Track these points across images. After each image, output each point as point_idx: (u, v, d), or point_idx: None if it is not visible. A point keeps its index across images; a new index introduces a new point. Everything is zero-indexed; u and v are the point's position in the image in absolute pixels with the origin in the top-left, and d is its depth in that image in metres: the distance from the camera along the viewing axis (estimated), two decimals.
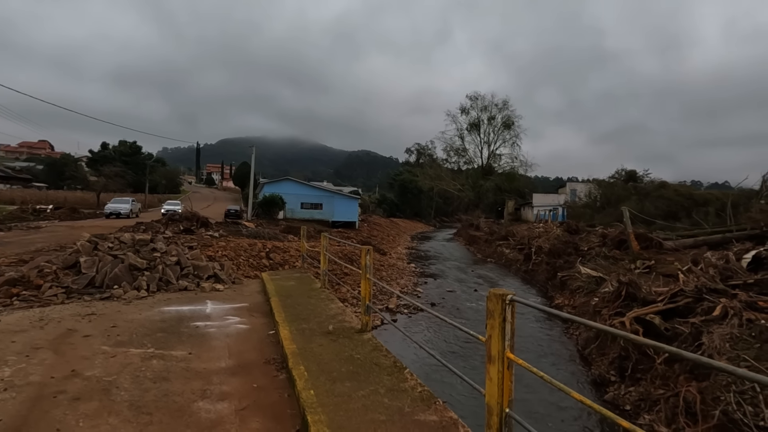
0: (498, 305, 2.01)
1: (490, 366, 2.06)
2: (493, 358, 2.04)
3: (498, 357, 2.01)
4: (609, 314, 9.14)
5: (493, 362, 2.04)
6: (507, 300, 1.99)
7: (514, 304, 2.01)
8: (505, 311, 2.00)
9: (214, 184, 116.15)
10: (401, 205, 71.20)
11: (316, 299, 5.77)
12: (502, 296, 2.01)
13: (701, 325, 7.00)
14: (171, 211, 28.31)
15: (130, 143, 61.97)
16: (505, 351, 2.00)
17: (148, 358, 3.60)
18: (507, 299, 1.99)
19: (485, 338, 2.12)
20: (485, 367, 2.10)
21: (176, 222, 20.03)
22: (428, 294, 15.55)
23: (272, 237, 19.36)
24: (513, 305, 2.01)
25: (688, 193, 29.52)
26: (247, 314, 5.27)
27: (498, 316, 2.01)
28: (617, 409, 7.11)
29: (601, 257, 16.19)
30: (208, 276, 7.12)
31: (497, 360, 2.01)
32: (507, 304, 1.99)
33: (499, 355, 2.01)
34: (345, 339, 4.01)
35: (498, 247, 29.23)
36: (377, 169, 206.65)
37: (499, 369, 2.01)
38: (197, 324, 4.72)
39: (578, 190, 43.25)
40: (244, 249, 14.22)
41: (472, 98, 59.04)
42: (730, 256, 9.66)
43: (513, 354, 1.99)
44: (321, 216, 38.30)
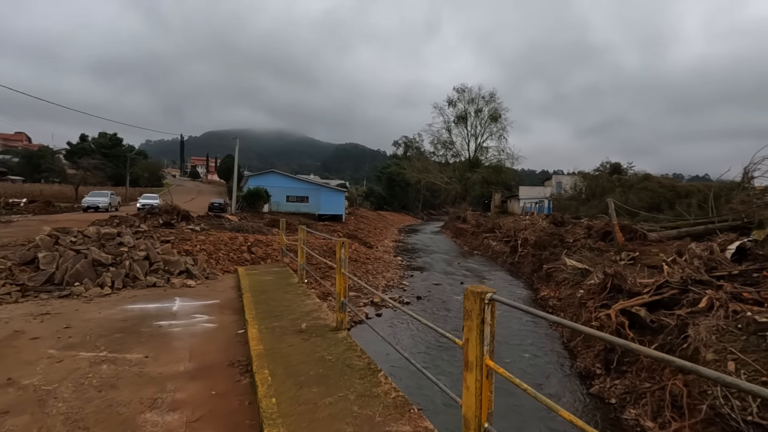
0: (476, 305, 1.74)
1: (467, 374, 1.80)
2: (470, 365, 1.78)
3: (476, 364, 1.75)
4: (595, 306, 9.03)
5: (471, 369, 1.77)
6: (486, 299, 1.72)
7: (494, 303, 1.75)
8: (483, 312, 1.73)
9: (198, 178, 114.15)
10: (389, 198, 70.98)
11: (292, 295, 5.48)
12: (481, 294, 1.74)
13: (687, 317, 6.89)
14: (147, 205, 27.04)
15: (111, 135, 60.29)
16: (484, 357, 1.73)
17: (98, 363, 3.27)
18: (486, 298, 1.72)
19: (462, 341, 1.85)
20: (462, 374, 1.84)
21: (155, 216, 19.49)
22: (415, 287, 15.37)
23: (256, 230, 18.92)
24: (493, 305, 1.74)
25: (671, 185, 29.79)
26: (217, 312, 4.95)
27: (476, 317, 1.74)
28: (603, 402, 7.01)
29: (586, 249, 16.18)
30: (179, 271, 6.75)
31: (475, 367, 1.75)
32: (486, 303, 1.72)
33: (477, 361, 1.75)
34: (318, 338, 3.73)
35: (485, 240, 29.22)
36: (365, 162, 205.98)
37: (477, 377, 1.74)
38: (161, 323, 4.39)
39: (564, 183, 43.50)
40: (225, 243, 13.80)
41: (459, 91, 58.78)
42: (714, 247, 9.62)
43: (493, 361, 1.73)
44: (307, 209, 37.83)
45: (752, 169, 17.95)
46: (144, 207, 26.45)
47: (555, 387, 7.67)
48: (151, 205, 26.14)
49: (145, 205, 27.17)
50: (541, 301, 13.60)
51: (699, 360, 5.99)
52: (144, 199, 31.86)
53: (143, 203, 29.07)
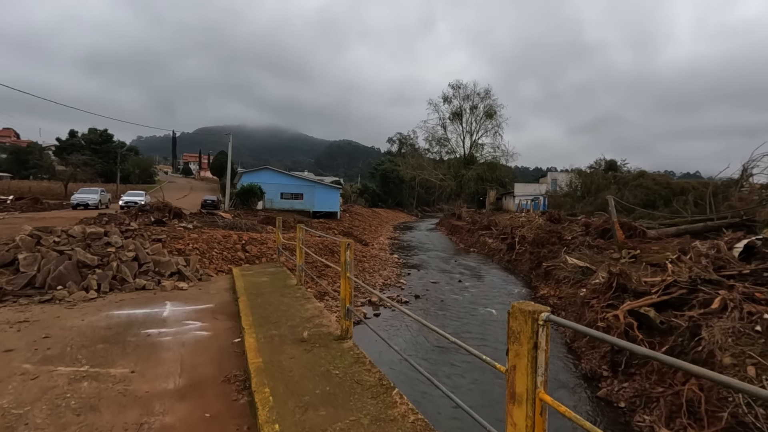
0: (527, 326, 1.43)
1: (514, 408, 1.49)
2: (518, 398, 1.47)
3: (526, 397, 1.44)
4: (600, 307, 8.79)
5: (519, 403, 1.47)
6: (540, 320, 1.41)
7: (549, 325, 1.44)
8: (537, 335, 1.42)
9: (191, 174, 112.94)
10: (383, 195, 70.68)
11: (290, 298, 5.15)
12: (533, 314, 1.43)
13: (699, 319, 6.66)
14: (132, 202, 25.88)
15: (101, 131, 59.24)
16: (537, 389, 1.43)
17: (78, 380, 2.94)
18: (540, 318, 1.42)
19: (506, 368, 1.55)
20: (506, 407, 1.53)
21: (147, 213, 19.09)
22: (412, 285, 15.13)
23: (250, 228, 18.55)
24: (548, 327, 1.43)
25: (665, 182, 29.81)
26: (211, 317, 4.61)
27: (527, 340, 1.44)
28: (611, 406, 6.79)
29: (585, 246, 16.00)
30: (170, 273, 6.39)
31: (525, 401, 1.44)
32: (541, 325, 1.41)
33: (528, 394, 1.44)
34: (321, 348, 3.42)
35: (480, 237, 29.04)
36: (359, 158, 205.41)
37: (528, 414, 1.44)
38: (149, 331, 4.04)
39: (559, 180, 43.47)
40: (218, 241, 13.43)
41: (455, 87, 58.47)
42: (721, 246, 9.41)
43: (548, 394, 1.42)
44: (301, 206, 37.41)
45: (751, 166, 17.88)
46: (128, 205, 25.32)
47: (561, 390, 7.43)
48: (135, 203, 24.65)
49: (129, 203, 26.00)
50: (541, 300, 13.39)
51: (715, 364, 5.76)
52: (128, 196, 30.06)
53: (127, 201, 27.73)
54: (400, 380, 5.12)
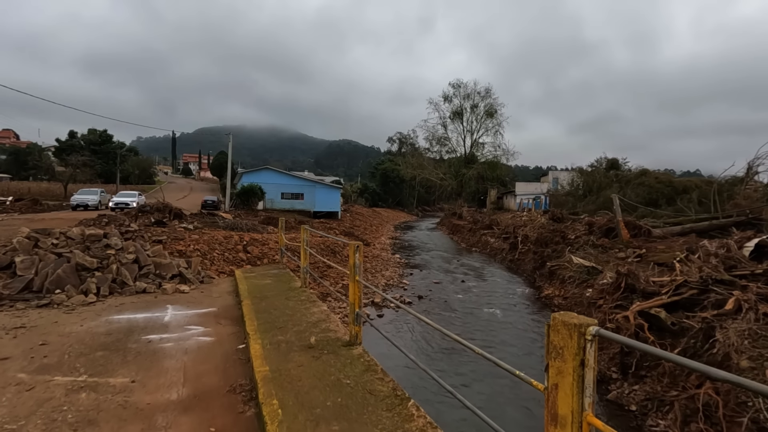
0: (572, 341, 1.28)
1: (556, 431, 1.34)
2: (561, 420, 1.32)
3: (571, 420, 1.29)
4: (609, 308, 8.64)
5: (563, 426, 1.31)
6: (589, 334, 1.26)
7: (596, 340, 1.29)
8: (585, 351, 1.27)
9: (191, 174, 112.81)
10: (383, 195, 70.53)
11: (295, 301, 4.99)
12: (580, 328, 1.28)
13: (713, 320, 6.51)
14: (122, 204, 24.27)
15: (100, 131, 59.08)
16: (585, 412, 1.28)
17: (76, 390, 2.79)
18: (588, 333, 1.26)
19: (545, 386, 1.39)
20: (545, 429, 1.38)
21: (147, 214, 18.99)
22: (415, 286, 14.99)
23: (250, 228, 18.41)
24: (596, 342, 1.28)
25: (668, 180, 29.61)
26: (214, 322, 4.45)
27: (572, 357, 1.28)
28: (622, 409, 6.64)
29: (589, 246, 15.83)
30: (172, 275, 6.24)
31: (570, 424, 1.29)
32: (589, 340, 1.26)
33: (573, 416, 1.29)
34: (330, 355, 3.27)
35: (482, 236, 28.89)
36: (358, 158, 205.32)
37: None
38: (150, 337, 3.89)
39: (560, 179, 43.29)
40: (219, 242, 13.29)
41: (455, 86, 58.30)
42: (731, 245, 9.26)
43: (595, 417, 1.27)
44: (302, 206, 37.26)
45: (756, 164, 17.73)
46: (118, 206, 23.72)
47: None
48: (126, 205, 23.55)
49: (119, 205, 24.22)
50: (545, 300, 13.26)
51: (731, 367, 5.61)
52: (119, 197, 27.49)
53: (117, 202, 25.44)
54: (412, 386, 4.97)
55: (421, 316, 2.69)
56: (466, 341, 1.91)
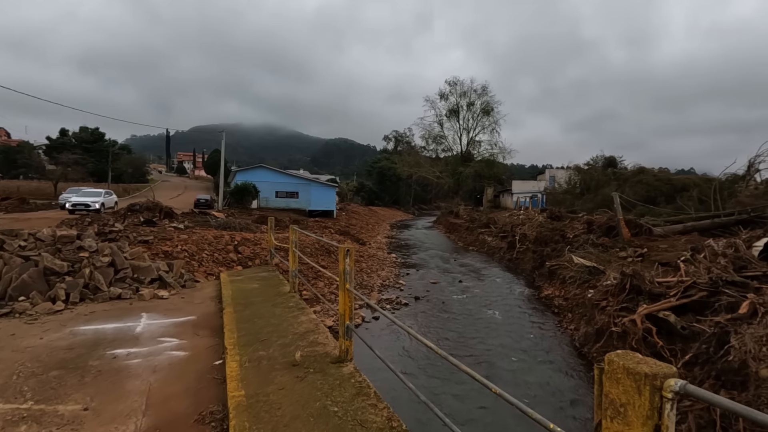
0: (643, 398, 0.88)
1: None
2: None
3: None
4: (614, 310, 8.28)
5: None
6: (669, 390, 0.86)
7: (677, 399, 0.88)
8: (661, 413, 0.86)
9: (185, 173, 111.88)
10: (380, 193, 70.16)
11: (282, 308, 4.58)
12: (654, 379, 0.87)
13: (727, 325, 6.15)
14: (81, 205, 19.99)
15: (92, 129, 58.28)
16: None
17: (16, 421, 2.37)
18: (668, 388, 0.86)
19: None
20: None
21: (136, 213, 18.56)
22: (412, 286, 14.62)
23: (243, 228, 17.95)
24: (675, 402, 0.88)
25: (666, 178, 29.38)
26: (191, 333, 4.04)
27: (642, 420, 0.89)
28: None
29: (589, 245, 15.50)
30: (151, 279, 5.81)
31: None
32: (669, 399, 0.86)
33: None
34: (317, 375, 2.87)
35: (480, 235, 28.57)
36: (355, 156, 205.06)
37: None
38: (117, 352, 3.47)
39: (558, 177, 43.06)
40: (209, 242, 12.83)
41: (452, 84, 57.88)
42: (739, 244, 8.92)
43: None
44: (297, 205, 36.83)
45: (758, 162, 17.47)
46: (76, 208, 19.77)
47: (574, 400, 6.93)
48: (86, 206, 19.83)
49: (78, 206, 20.01)
50: (545, 300, 12.93)
51: (750, 376, 5.25)
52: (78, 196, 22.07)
53: (76, 203, 20.51)
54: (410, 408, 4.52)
55: (413, 332, 2.30)
56: (470, 369, 1.52)
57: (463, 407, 6.26)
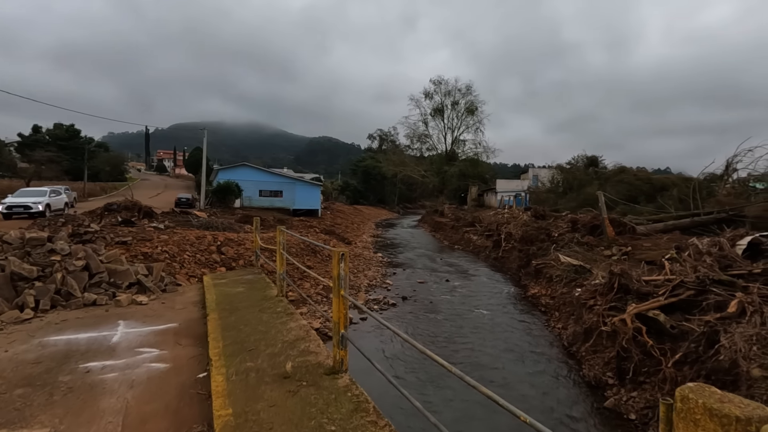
0: None
1: None
2: None
3: None
4: (603, 309, 8.27)
5: None
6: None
7: None
8: None
9: (165, 172, 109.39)
10: (365, 192, 69.96)
11: (270, 314, 4.36)
12: (747, 424, 0.71)
13: (716, 324, 6.17)
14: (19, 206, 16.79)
15: (67, 126, 56.33)
16: None
17: None
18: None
19: None
20: None
21: (113, 213, 18.00)
22: (399, 286, 14.51)
23: (226, 228, 17.55)
24: None
25: (646, 177, 29.97)
26: (172, 342, 3.78)
27: None
28: (621, 418, 6.28)
29: (574, 243, 15.62)
30: (129, 283, 5.49)
31: None
32: None
33: None
34: (310, 388, 2.67)
35: (465, 234, 28.66)
36: (339, 155, 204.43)
37: None
38: (90, 366, 3.20)
39: (541, 176, 43.55)
40: (191, 243, 12.45)
41: (436, 83, 58.14)
42: (723, 243, 9.04)
43: None
44: (281, 204, 36.34)
45: (735, 161, 17.88)
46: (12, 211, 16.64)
47: (564, 400, 6.89)
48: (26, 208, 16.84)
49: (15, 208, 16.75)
50: (532, 299, 12.97)
51: (741, 375, 5.26)
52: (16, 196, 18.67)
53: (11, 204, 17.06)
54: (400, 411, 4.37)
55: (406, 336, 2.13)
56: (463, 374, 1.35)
57: (457, 412, 6.14)
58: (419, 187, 65.44)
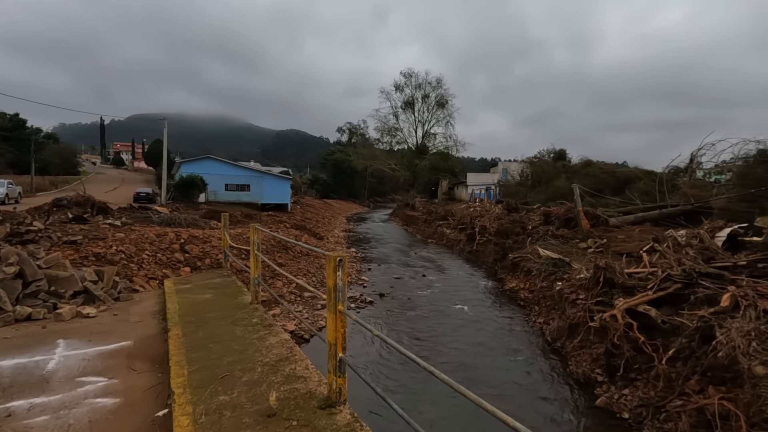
0: None
1: None
2: None
3: None
4: (591, 304, 8.07)
5: None
6: None
7: None
8: None
9: (123, 165, 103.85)
10: (335, 186, 69.00)
11: (244, 327, 3.72)
12: None
13: (711, 319, 6.01)
14: None
15: (11, 115, 52.12)
16: None
17: None
18: None
19: None
20: None
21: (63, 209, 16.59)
22: (375, 282, 14.06)
23: (190, 224, 16.44)
24: None
25: (611, 170, 30.80)
26: (125, 367, 3.08)
27: None
28: (614, 417, 6.06)
29: (549, 236, 15.63)
30: (74, 292, 4.69)
31: None
32: None
33: None
34: (303, 430, 2.11)
35: (438, 228, 28.56)
36: (307, 149, 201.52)
37: None
38: (13, 406, 2.47)
39: (510, 169, 44.11)
40: (151, 241, 11.42)
41: (407, 75, 57.77)
42: (703, 235, 9.04)
43: None
44: (249, 198, 35.02)
45: (700, 155, 18.40)
46: None
47: (554, 399, 6.63)
48: None
49: None
50: (510, 293, 12.82)
51: (742, 373, 5.08)
52: None
53: None
54: None
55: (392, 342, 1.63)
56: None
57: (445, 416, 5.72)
58: (390, 180, 65.16)
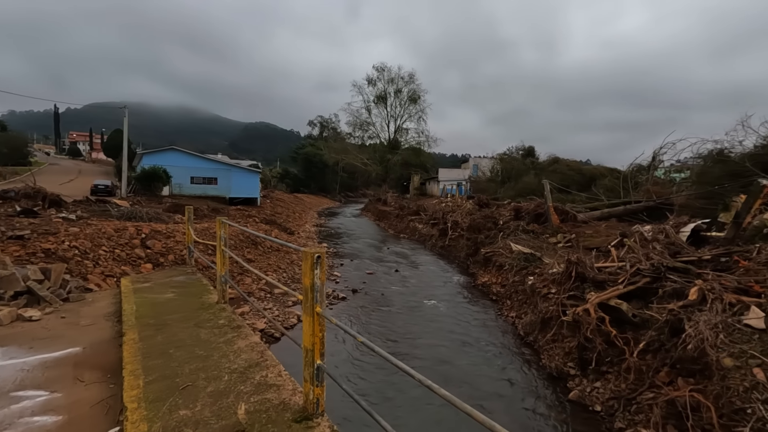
0: None
1: None
2: None
3: None
4: (563, 298, 8.14)
5: None
6: None
7: None
8: None
9: (80, 156, 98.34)
10: (305, 180, 67.96)
11: (210, 329, 3.41)
12: None
13: (680, 312, 6.14)
14: None
15: None
16: None
17: None
18: None
19: None
20: None
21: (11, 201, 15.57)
22: (347, 278, 13.84)
23: (153, 218, 15.63)
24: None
25: (578, 168, 31.70)
26: (71, 378, 2.72)
27: None
28: (586, 411, 6.12)
29: (520, 231, 15.84)
30: (15, 293, 4.20)
31: None
32: None
33: None
34: None
35: (410, 223, 28.58)
36: (277, 142, 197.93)
37: None
38: None
39: (481, 165, 44.74)
40: (109, 236, 10.74)
41: (379, 69, 57.52)
42: (669, 230, 9.31)
43: None
44: (216, 192, 33.85)
45: (661, 153, 19.11)
46: None
47: (527, 393, 6.65)
48: None
49: None
50: (482, 288, 12.90)
51: (710, 365, 5.19)
52: None
53: None
54: None
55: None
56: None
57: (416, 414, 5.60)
58: (361, 175, 64.84)
